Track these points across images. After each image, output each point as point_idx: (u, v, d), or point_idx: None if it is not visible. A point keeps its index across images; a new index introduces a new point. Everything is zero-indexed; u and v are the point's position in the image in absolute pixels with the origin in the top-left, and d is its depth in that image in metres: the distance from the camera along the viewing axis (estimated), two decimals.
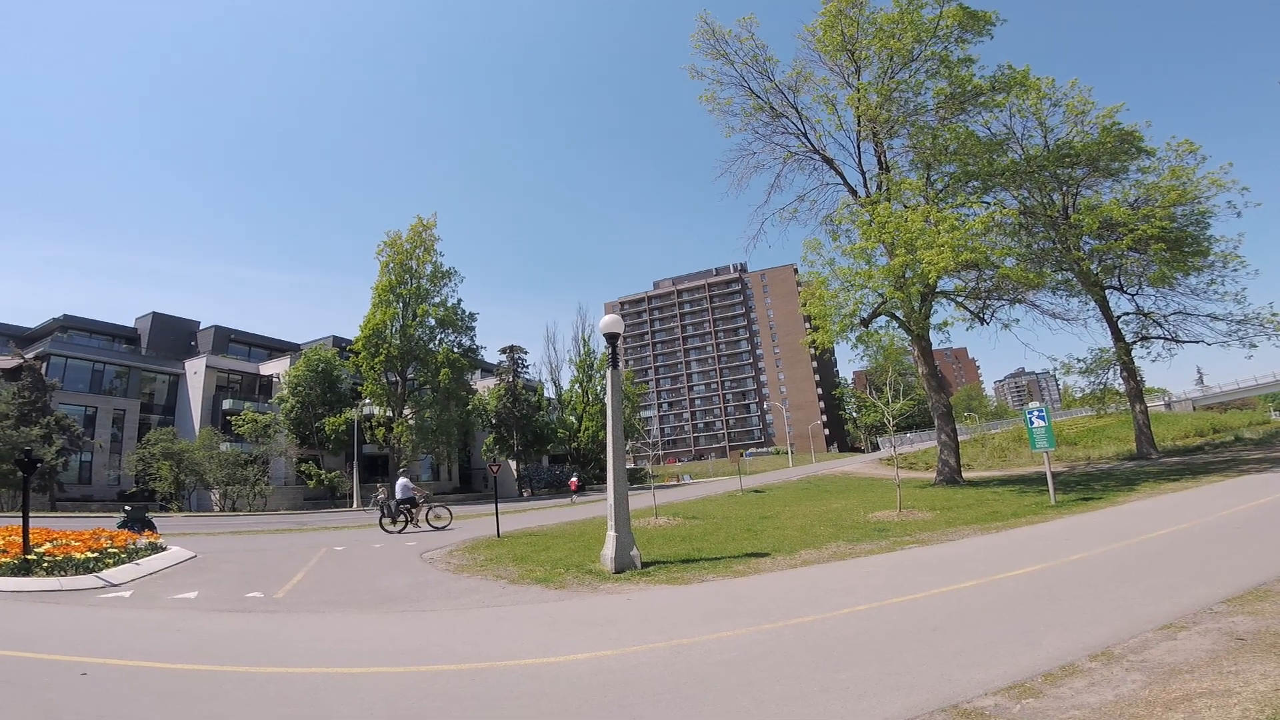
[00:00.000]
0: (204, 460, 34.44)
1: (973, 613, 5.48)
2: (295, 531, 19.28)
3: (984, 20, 20.49)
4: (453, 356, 39.79)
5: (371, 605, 7.67)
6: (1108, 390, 27.86)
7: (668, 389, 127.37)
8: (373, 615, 7.16)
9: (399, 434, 38.18)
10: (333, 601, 8.00)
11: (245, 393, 44.44)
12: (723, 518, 15.47)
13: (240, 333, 52.20)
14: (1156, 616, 4.70)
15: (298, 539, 16.77)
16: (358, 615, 7.18)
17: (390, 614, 7.17)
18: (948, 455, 21.86)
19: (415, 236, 40.71)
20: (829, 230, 22.55)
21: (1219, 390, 67.53)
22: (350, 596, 8.31)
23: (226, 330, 51.25)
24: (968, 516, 12.31)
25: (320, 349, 43.00)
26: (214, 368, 43.43)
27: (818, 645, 4.84)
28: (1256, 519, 9.03)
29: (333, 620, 6.98)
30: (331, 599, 8.18)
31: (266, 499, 34.93)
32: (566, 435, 51.26)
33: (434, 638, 6.06)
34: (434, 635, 6.17)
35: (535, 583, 8.49)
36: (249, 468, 34.79)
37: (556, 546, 11.85)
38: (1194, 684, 3.30)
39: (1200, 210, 24.47)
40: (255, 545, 15.10)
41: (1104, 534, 8.99)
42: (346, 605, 7.73)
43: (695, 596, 7.20)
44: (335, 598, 8.26)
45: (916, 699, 3.54)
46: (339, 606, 7.67)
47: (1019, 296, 23.20)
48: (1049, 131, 25.32)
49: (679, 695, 3.98)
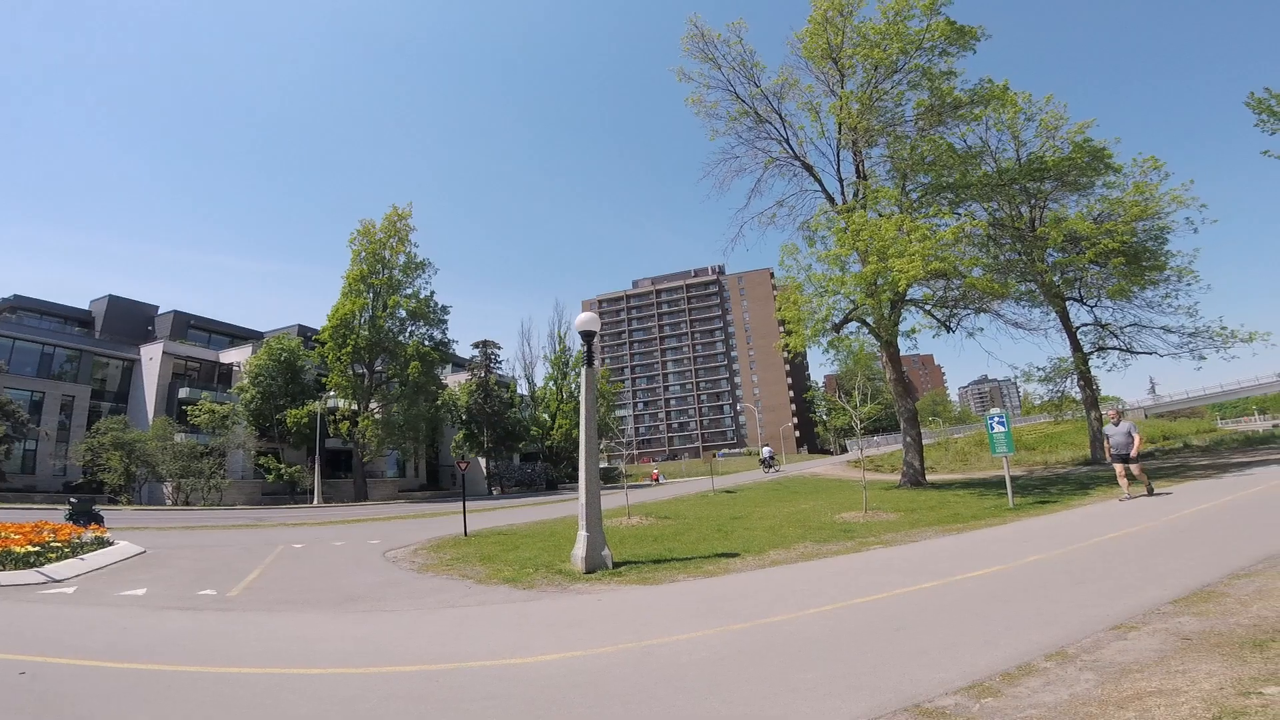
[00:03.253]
0: (157, 451, 33.10)
1: (934, 613, 5.59)
2: (252, 527, 18.78)
3: (969, 35, 20.82)
4: (423, 350, 39.07)
5: (331, 604, 7.50)
6: (1065, 398, 28.71)
7: (644, 388, 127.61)
8: (332, 614, 7.00)
9: (364, 428, 37.34)
10: (290, 600, 7.81)
11: (204, 381, 42.81)
12: (695, 518, 15.51)
13: (201, 319, 50.54)
14: (1108, 617, 4.84)
15: (254, 535, 16.33)
16: (316, 614, 7.01)
17: (351, 613, 7.02)
18: (912, 458, 22.27)
19: (390, 226, 39.88)
20: (806, 236, 22.79)
21: (1170, 400, 70.12)
22: (309, 595, 8.11)
23: (186, 316, 49.61)
24: (930, 518, 12.55)
25: (284, 338, 41.74)
26: (171, 354, 41.81)
27: (785, 645, 4.88)
28: (1201, 523, 9.38)
29: (290, 619, 6.81)
30: (289, 598, 7.98)
31: (222, 493, 33.63)
32: (539, 433, 50.90)
33: (397, 638, 5.95)
34: (397, 635, 6.06)
35: (503, 582, 8.39)
36: (205, 460, 33.47)
37: (526, 546, 11.73)
38: (1144, 683, 3.40)
39: (1160, 226, 25.29)
40: (209, 541, 14.66)
41: (1059, 536, 9.24)
42: (305, 604, 7.55)
43: (666, 597, 7.21)
44: (293, 596, 8.07)
45: (880, 699, 3.60)
46: (297, 605, 7.48)
47: (984, 306, 23.75)
48: (1022, 145, 25.92)
49: (648, 696, 3.98)
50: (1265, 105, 19.62)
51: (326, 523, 20.31)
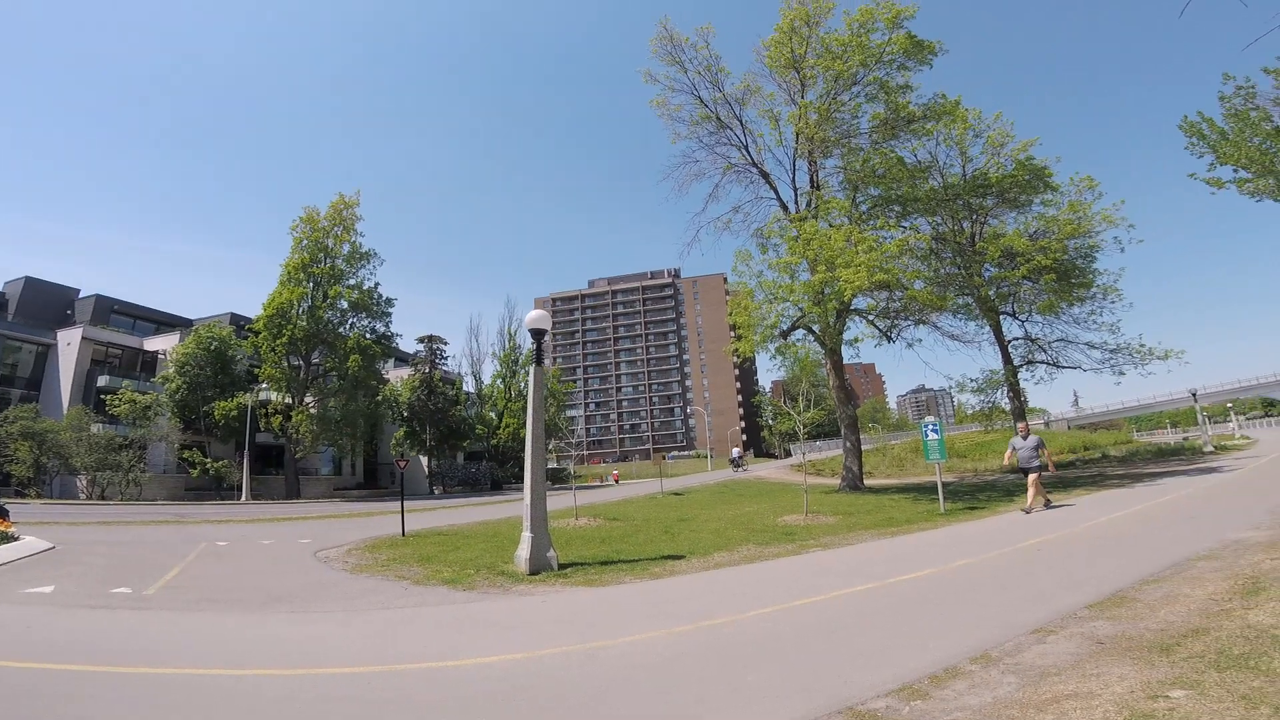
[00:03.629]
0: (71, 442, 31.02)
1: (869, 615, 5.75)
2: (173, 524, 17.85)
3: (928, 49, 21.50)
4: (365, 343, 37.72)
5: (257, 605, 7.22)
6: (995, 408, 29.99)
7: (596, 389, 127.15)
8: (258, 615, 6.73)
9: (298, 423, 35.76)
10: (212, 600, 7.49)
11: (126, 369, 40.16)
12: (643, 519, 15.55)
13: (126, 304, 47.46)
14: (1029, 621, 5.06)
15: (176, 532, 15.56)
16: (240, 615, 6.74)
17: (277, 614, 6.77)
18: (852, 463, 22.89)
19: (335, 214, 38.36)
20: (759, 243, 23.15)
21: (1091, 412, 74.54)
22: (233, 595, 7.79)
23: (110, 300, 46.51)
24: (867, 522, 12.94)
25: (215, 326, 39.56)
26: (91, 340, 39.09)
27: (728, 647, 4.94)
28: (1115, 529, 9.93)
29: (211, 619, 6.53)
30: (211, 597, 7.66)
31: (142, 488, 31.74)
32: (486, 431, 49.95)
33: (327, 639, 5.76)
34: (327, 637, 5.87)
35: (442, 584, 8.22)
36: (123, 453, 31.56)
37: (467, 546, 11.52)
38: (1061, 686, 3.55)
39: (1090, 244, 26.57)
40: (125, 537, 13.93)
41: (986, 542, 9.65)
42: (228, 604, 7.25)
43: (612, 599, 7.20)
44: (215, 596, 7.73)
45: (817, 701, 3.68)
46: (219, 605, 7.17)
47: (924, 318, 24.62)
48: (968, 161, 26.85)
49: (593, 698, 3.97)
50: (1197, 129, 20.65)
51: (254, 520, 19.53)
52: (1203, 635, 4.22)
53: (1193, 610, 4.91)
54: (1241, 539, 7.75)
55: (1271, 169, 18.87)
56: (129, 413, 33.58)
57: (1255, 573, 5.86)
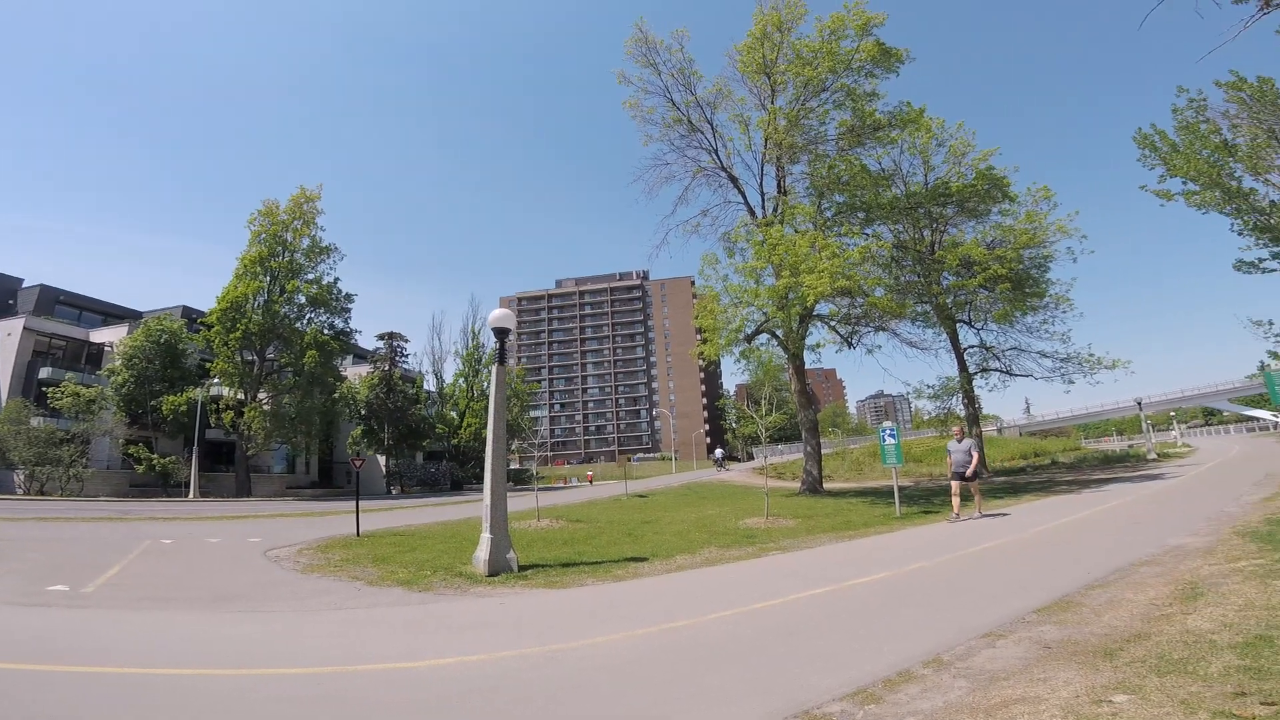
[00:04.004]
0: (9, 435, 29.78)
1: (826, 618, 5.81)
2: (117, 520, 17.18)
3: (895, 57, 21.93)
4: (322, 338, 36.79)
5: (203, 604, 7.00)
6: (951, 414, 30.83)
7: (562, 389, 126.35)
8: (204, 614, 6.53)
9: (251, 419, 34.68)
10: (156, 598, 7.25)
11: (70, 361, 38.60)
12: (606, 521, 15.50)
13: (72, 294, 45.48)
14: (980, 625, 5.15)
15: (119, 528, 14.99)
16: (186, 614, 6.52)
17: (225, 613, 6.57)
18: (812, 466, 23.20)
19: (295, 208, 37.41)
20: (726, 247, 23.36)
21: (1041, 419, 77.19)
22: (178, 593, 7.55)
23: (55, 290, 44.54)
24: (826, 525, 13.14)
25: (166, 318, 38.32)
26: (33, 330, 37.43)
27: (688, 650, 4.94)
28: (1063, 535, 10.24)
29: (154, 618, 6.30)
30: (154, 595, 7.41)
31: (84, 483, 30.67)
32: (446, 431, 49.13)
33: (276, 640, 5.62)
34: (276, 637, 5.71)
35: (397, 584, 8.06)
36: (65, 447, 30.31)
37: (425, 547, 11.31)
38: (1010, 691, 3.61)
39: (1044, 254, 27.43)
40: (65, 534, 13.40)
41: (940, 546, 9.85)
42: (172, 603, 7.03)
43: (573, 601, 7.15)
44: (159, 594, 7.49)
45: (774, 704, 3.69)
46: (163, 604, 6.95)
47: (884, 324, 25.11)
48: (931, 170, 27.48)
49: (550, 701, 3.94)
50: (1149, 141, 21.44)
51: (202, 518, 18.90)
52: (1144, 640, 4.34)
53: (1135, 615, 5.06)
54: (1182, 545, 8.04)
55: (1218, 181, 19.74)
56: (72, 406, 32.33)
57: (1194, 578, 6.07)
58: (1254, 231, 20.28)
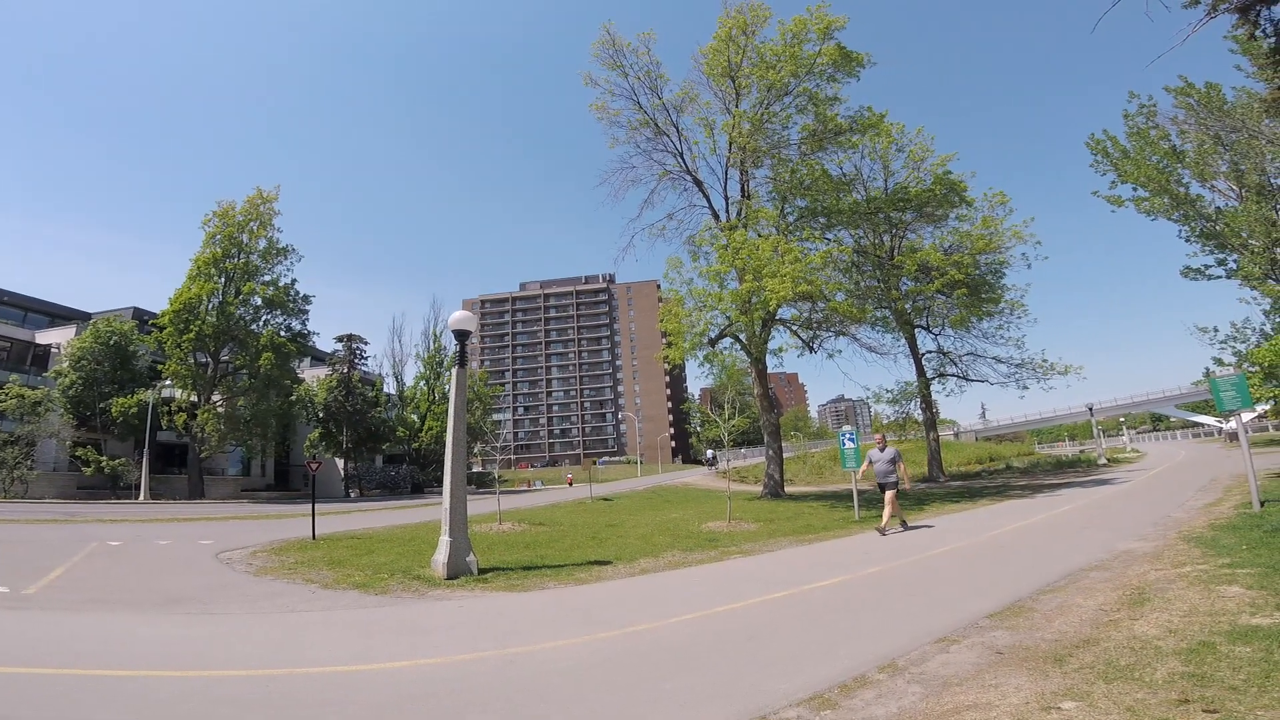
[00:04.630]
0: None
1: (784, 622, 5.86)
2: (62, 522, 16.57)
3: (856, 61, 22.25)
4: (278, 340, 35.90)
5: (150, 606, 6.79)
6: (909, 419, 31.38)
7: (526, 393, 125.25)
8: (150, 616, 6.33)
9: (204, 421, 33.69)
10: (101, 600, 7.04)
11: (15, 363, 37.40)
12: (570, 524, 15.43)
13: (15, 295, 43.47)
14: (934, 629, 5.22)
15: (64, 530, 14.52)
16: (131, 616, 6.32)
17: (172, 615, 6.39)
18: (774, 470, 23.39)
19: (251, 209, 36.50)
20: (691, 251, 23.40)
21: (997, 424, 79.41)
22: (124, 595, 7.35)
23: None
24: (787, 529, 13.28)
25: (115, 320, 37.08)
26: None
27: (648, 654, 4.94)
28: (1017, 539, 10.50)
29: (98, 620, 6.13)
30: (99, 597, 7.19)
31: (29, 485, 29.79)
32: (407, 434, 48.19)
33: (225, 641, 5.48)
34: (225, 639, 5.58)
35: (353, 588, 7.91)
36: (9, 449, 29.41)
37: (382, 550, 11.12)
38: (962, 696, 3.65)
39: (1000, 260, 28.10)
40: (7, 536, 13.05)
41: (897, 550, 10.03)
42: (118, 605, 6.82)
43: (534, 604, 7.08)
44: (104, 596, 7.27)
45: (732, 709, 3.71)
46: (108, 606, 6.75)
47: (844, 329, 25.43)
48: (890, 175, 27.97)
49: (509, 705, 3.90)
50: (1101, 146, 21.94)
51: (152, 520, 18.29)
52: (1092, 646, 4.44)
53: (1084, 620, 5.17)
54: (1130, 549, 8.27)
55: (1166, 188, 20.32)
56: (16, 408, 31.26)
57: (1141, 583, 6.22)
58: (1200, 238, 20.65)
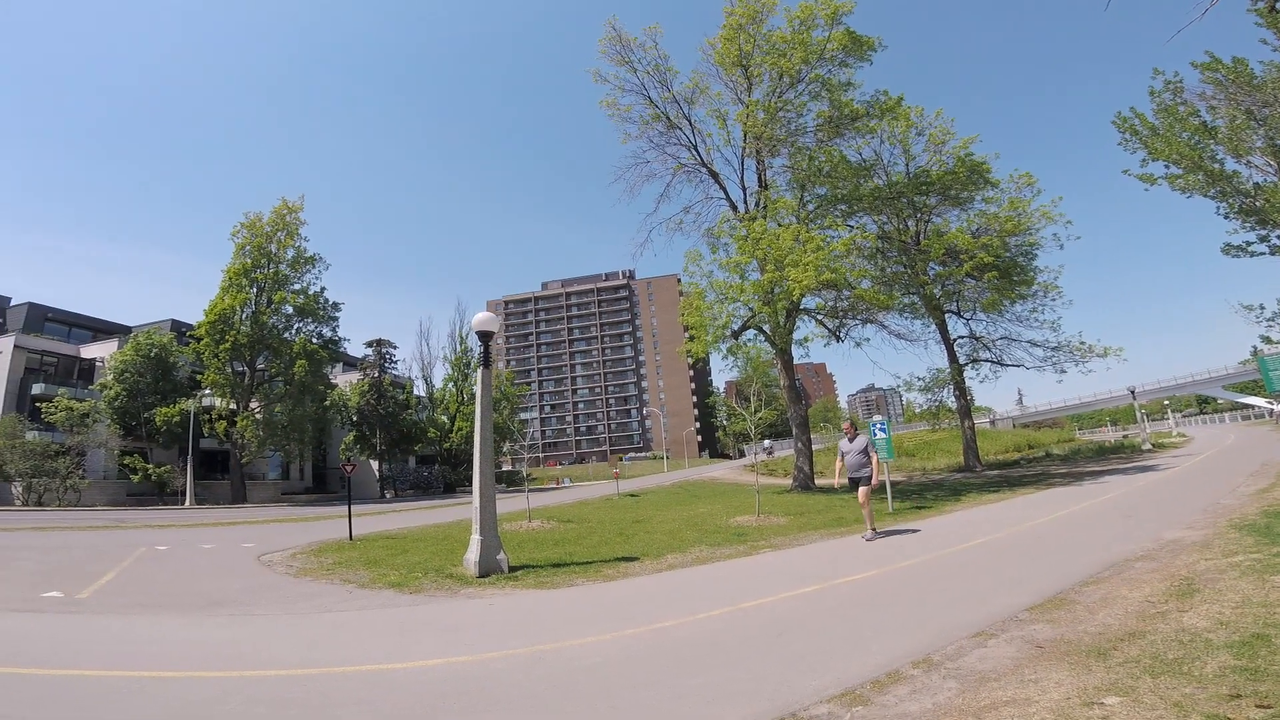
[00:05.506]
0: (4, 449, 29.95)
1: (813, 617, 5.76)
2: (112, 529, 17.13)
3: (866, 45, 21.88)
4: (311, 347, 36.95)
5: (194, 608, 6.99)
6: (942, 407, 30.62)
7: (551, 391, 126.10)
8: (194, 618, 6.52)
9: (244, 428, 34.83)
10: (147, 604, 7.24)
11: (62, 377, 38.87)
12: (597, 521, 15.46)
13: (61, 311, 45.31)
14: (970, 623, 5.06)
15: (113, 536, 14.98)
16: (176, 618, 6.51)
17: (215, 617, 6.57)
18: (803, 463, 23.11)
19: (278, 219, 37.58)
20: (709, 243, 23.27)
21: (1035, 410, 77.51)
22: (169, 599, 7.57)
23: (43, 308, 44.37)
24: (817, 522, 13.08)
25: (154, 333, 38.56)
26: (24, 348, 37.58)
27: (675, 651, 4.91)
28: (1058, 530, 10.11)
29: (145, 622, 6.31)
30: (146, 601, 7.41)
31: (81, 494, 30.89)
32: (437, 435, 48.98)
33: (264, 642, 5.62)
34: (264, 640, 5.71)
35: (388, 587, 8.03)
36: (60, 459, 30.54)
37: (416, 550, 11.30)
38: (1000, 692, 3.54)
39: (1030, 241, 27.29)
40: (60, 542, 13.35)
41: (931, 542, 9.80)
42: (164, 608, 7.02)
43: (562, 601, 7.11)
44: (151, 600, 7.49)
45: (760, 706, 3.66)
46: (155, 609, 6.95)
47: (871, 317, 25.01)
48: (911, 159, 27.35)
49: (536, 702, 3.92)
50: (1129, 124, 21.23)
51: (197, 525, 18.79)
52: (1138, 639, 4.25)
53: (1129, 613, 4.95)
54: (1178, 538, 7.92)
55: (1200, 165, 19.56)
56: (65, 420, 32.65)
57: (1190, 574, 5.95)
58: (1240, 215, 19.87)
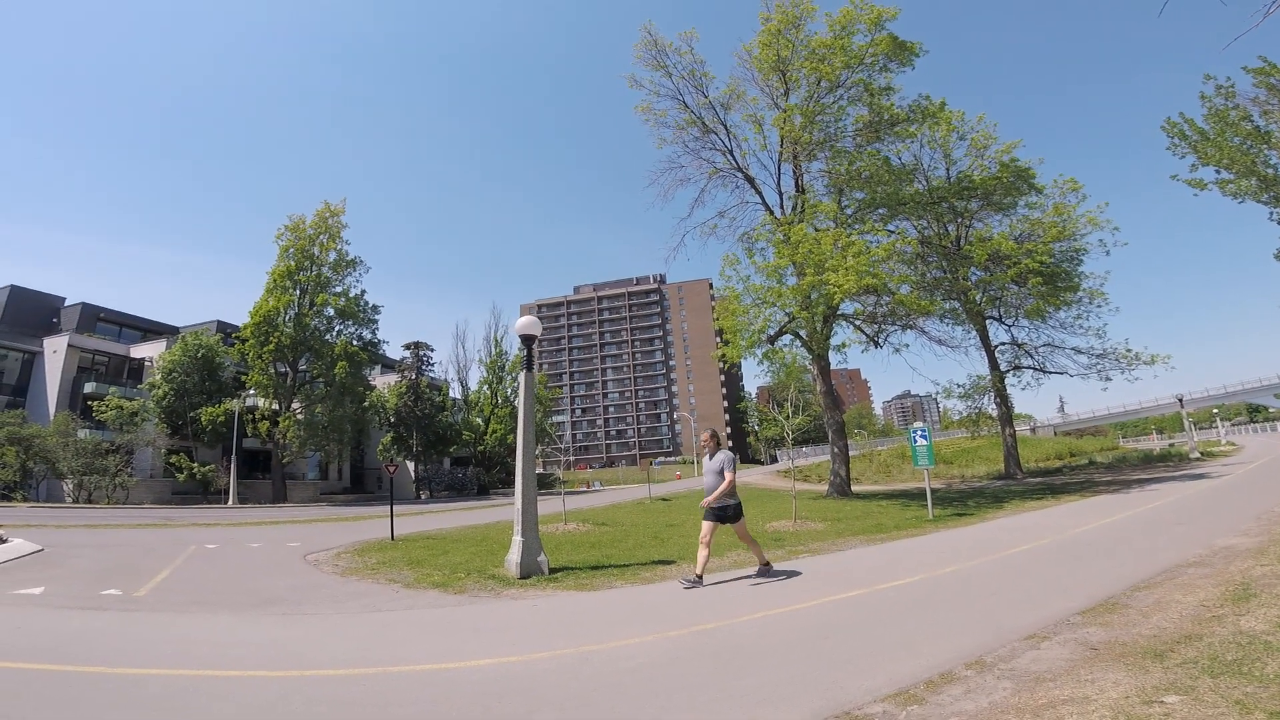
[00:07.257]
0: (57, 447, 30.98)
1: (859, 620, 5.74)
2: (161, 527, 17.69)
3: (910, 50, 21.62)
4: (351, 349, 37.78)
5: (246, 606, 7.18)
6: (982, 414, 30.05)
7: (582, 395, 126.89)
8: (247, 616, 6.69)
9: (285, 428, 35.77)
10: (201, 601, 7.44)
11: (112, 376, 40.33)
12: (631, 525, 15.52)
13: (111, 312, 47.15)
14: (1022, 627, 5.04)
15: (164, 534, 15.44)
16: (230, 616, 6.69)
17: (267, 616, 6.73)
18: (839, 468, 22.88)
19: (320, 222, 38.53)
20: (745, 247, 23.14)
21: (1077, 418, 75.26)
22: (222, 597, 7.77)
23: (95, 308, 46.20)
24: (856, 527, 12.95)
25: (202, 334, 39.74)
26: (77, 347, 39.11)
27: (719, 652, 4.91)
28: (1105, 536, 9.96)
29: (201, 621, 6.49)
30: (200, 599, 7.62)
31: (129, 491, 31.83)
32: (472, 437, 49.73)
33: (318, 642, 5.73)
34: (318, 639, 5.83)
35: (432, 587, 8.17)
36: (110, 457, 31.51)
37: (457, 550, 11.47)
38: (1056, 692, 3.54)
39: (1075, 247, 26.69)
40: (114, 540, 13.79)
41: (975, 548, 9.67)
42: (217, 606, 7.21)
43: (603, 603, 7.17)
44: (205, 597, 7.69)
45: (811, 706, 3.65)
46: (209, 607, 7.14)
47: (910, 323, 24.68)
48: (952, 164, 26.95)
49: (584, 703, 3.94)
50: (1178, 129, 20.77)
51: (242, 524, 19.35)
52: (1195, 641, 4.21)
53: (1185, 616, 4.90)
54: (1230, 545, 7.77)
55: (1253, 169, 19.02)
56: (115, 418, 33.65)
57: (1245, 579, 5.85)
58: None
